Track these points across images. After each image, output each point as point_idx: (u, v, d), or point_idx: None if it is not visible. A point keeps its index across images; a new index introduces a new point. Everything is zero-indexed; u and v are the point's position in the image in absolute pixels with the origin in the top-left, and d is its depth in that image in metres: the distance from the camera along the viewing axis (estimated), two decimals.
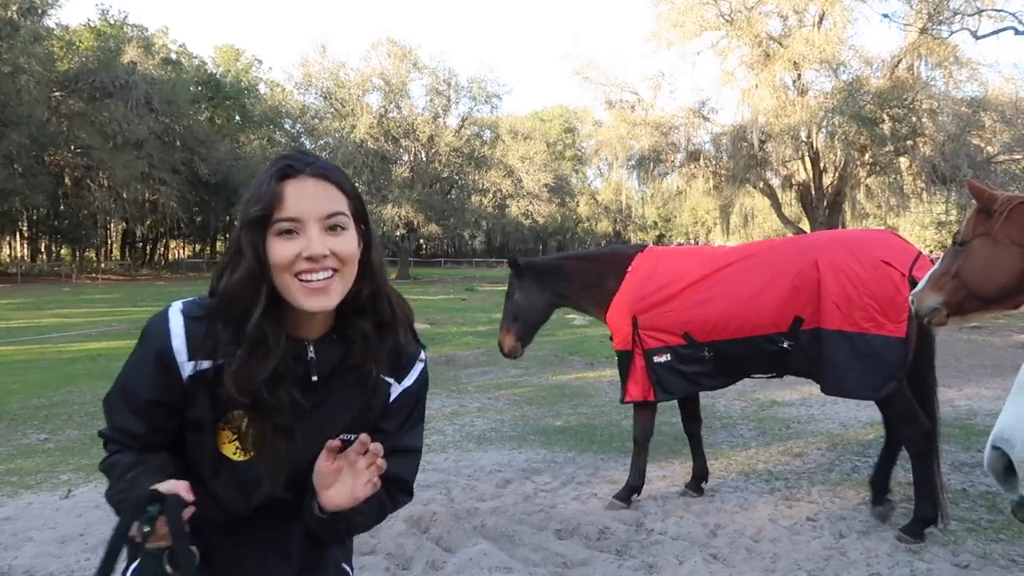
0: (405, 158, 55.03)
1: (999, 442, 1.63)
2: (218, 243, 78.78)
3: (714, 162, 32.25)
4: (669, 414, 8.34)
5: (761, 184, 31.92)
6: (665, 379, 4.92)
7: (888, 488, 4.88)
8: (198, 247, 78.07)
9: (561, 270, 5.56)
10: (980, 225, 3.23)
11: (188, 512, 1.40)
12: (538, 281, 5.52)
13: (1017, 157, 27.56)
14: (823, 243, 4.73)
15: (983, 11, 26.72)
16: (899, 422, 4.56)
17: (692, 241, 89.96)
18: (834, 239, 4.83)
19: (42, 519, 5.06)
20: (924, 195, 31.08)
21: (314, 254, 1.44)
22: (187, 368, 1.52)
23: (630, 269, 5.15)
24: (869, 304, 4.31)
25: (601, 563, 4.22)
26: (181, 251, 78.54)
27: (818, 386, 4.67)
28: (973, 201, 3.40)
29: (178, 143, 57.34)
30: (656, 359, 4.90)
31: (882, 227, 41.01)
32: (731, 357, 4.81)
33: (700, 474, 5.48)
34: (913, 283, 4.07)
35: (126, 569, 1.59)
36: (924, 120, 27.24)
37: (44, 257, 62.83)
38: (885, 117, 27.01)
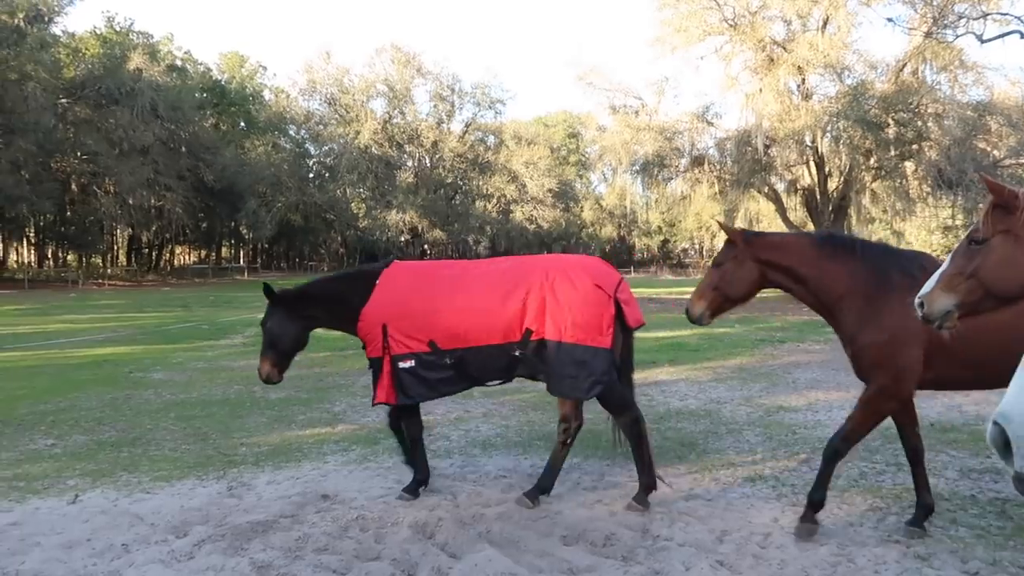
0: (409, 164, 55.22)
1: (999, 418, 1.68)
2: (223, 248, 79.04)
3: (718, 167, 32.23)
4: (674, 420, 8.33)
5: (766, 189, 31.91)
6: (407, 383, 5.32)
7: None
8: (203, 253, 78.29)
9: (308, 295, 5.90)
10: (1000, 222, 3.12)
11: None
12: (288, 308, 5.79)
13: (1023, 161, 27.49)
14: (550, 265, 5.37)
15: (988, 15, 26.70)
16: (615, 413, 5.39)
17: (697, 246, 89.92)
18: (558, 262, 5.48)
19: (49, 524, 5.06)
20: (930, 199, 31.03)
21: None
22: None
23: (378, 283, 5.55)
24: (583, 321, 5.04)
25: (607, 569, 4.21)
26: (187, 257, 78.76)
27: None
28: (980, 204, 3.39)
29: (183, 149, 57.62)
30: (401, 364, 5.29)
31: (888, 232, 40.94)
32: (470, 364, 5.27)
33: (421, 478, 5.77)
34: (617, 304, 5.13)
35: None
36: (929, 124, 27.20)
37: (51, 263, 63.06)
38: (890, 121, 26.97)
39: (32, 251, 65.07)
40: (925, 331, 4.11)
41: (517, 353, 5.17)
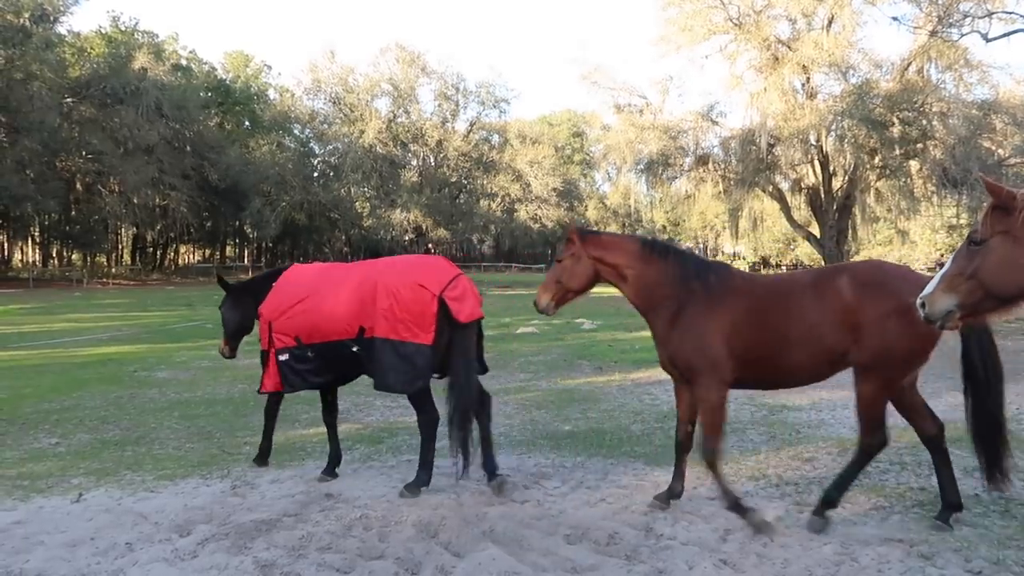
0: (414, 163, 55.24)
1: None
2: (228, 248, 79.16)
3: (723, 166, 32.17)
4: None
5: (770, 188, 31.84)
6: (286, 374, 5.88)
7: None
8: (208, 252, 78.45)
9: (245, 289, 6.81)
10: (999, 223, 3.18)
11: None
12: (233, 297, 6.73)
13: None
14: (386, 267, 5.87)
15: (993, 13, 26.58)
16: (417, 411, 5.80)
17: (701, 245, 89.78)
18: (392, 264, 5.97)
19: (53, 523, 5.08)
20: (934, 198, 30.93)
21: None
22: None
23: (275, 284, 6.19)
24: (406, 318, 5.43)
25: (610, 568, 4.21)
26: (191, 256, 78.91)
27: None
28: (984, 203, 3.39)
29: (188, 148, 57.73)
30: (280, 357, 5.87)
31: (893, 231, 40.79)
32: (327, 357, 5.79)
33: (335, 459, 6.27)
34: (442, 302, 5.42)
35: None
36: (934, 123, 27.12)
37: (56, 262, 63.25)
38: (895, 120, 26.89)
39: (37, 250, 65.25)
40: (723, 333, 4.84)
41: (355, 349, 5.63)
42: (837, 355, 4.75)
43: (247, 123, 70.79)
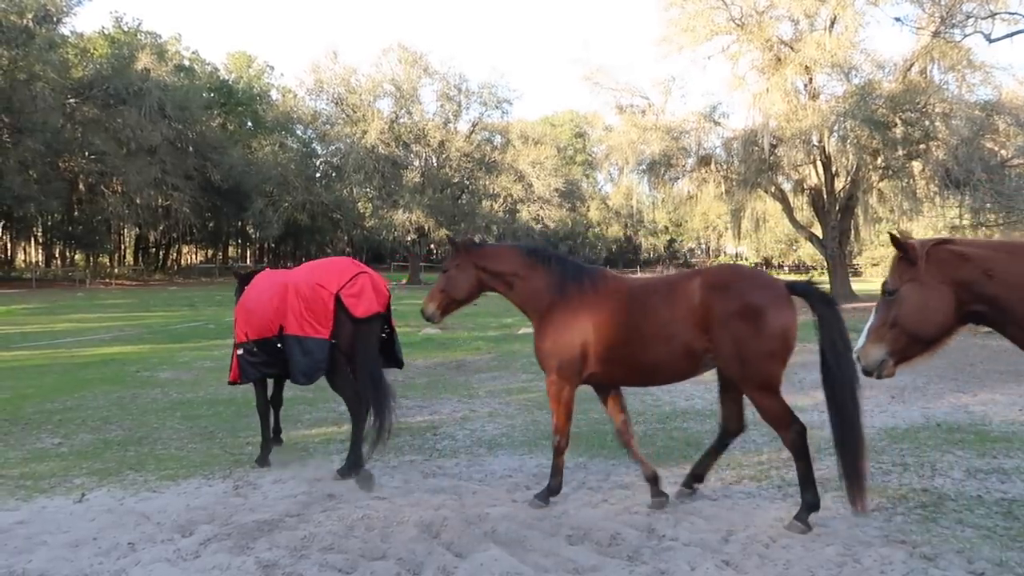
0: (416, 163, 55.16)
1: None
2: (230, 248, 79.22)
3: (725, 167, 32.14)
4: (680, 420, 8.32)
5: (772, 189, 31.80)
6: (243, 366, 6.41)
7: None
8: (210, 252, 78.48)
9: (245, 283, 7.28)
10: (906, 272, 3.50)
11: None
12: (240, 286, 7.28)
13: None
14: (300, 270, 6.53)
15: (996, 14, 26.52)
16: (340, 394, 6.32)
17: (704, 246, 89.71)
18: (306, 268, 6.59)
19: (55, 523, 5.08)
20: (937, 199, 30.86)
21: None
22: None
23: (248, 285, 6.83)
24: (309, 316, 5.99)
25: (612, 569, 4.21)
26: (193, 256, 78.97)
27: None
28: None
29: (191, 149, 57.76)
30: (239, 351, 6.43)
31: (893, 231, 40.80)
32: (266, 352, 6.30)
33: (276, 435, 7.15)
34: (338, 299, 5.96)
35: None
36: (937, 124, 27.06)
37: (58, 262, 63.32)
38: (897, 121, 26.85)
39: (40, 250, 65.33)
40: (583, 333, 5.16)
41: (279, 345, 6.19)
42: (694, 353, 5.00)
43: (249, 124, 70.82)
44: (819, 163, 30.25)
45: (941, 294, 3.40)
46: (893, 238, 3.61)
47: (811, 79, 29.48)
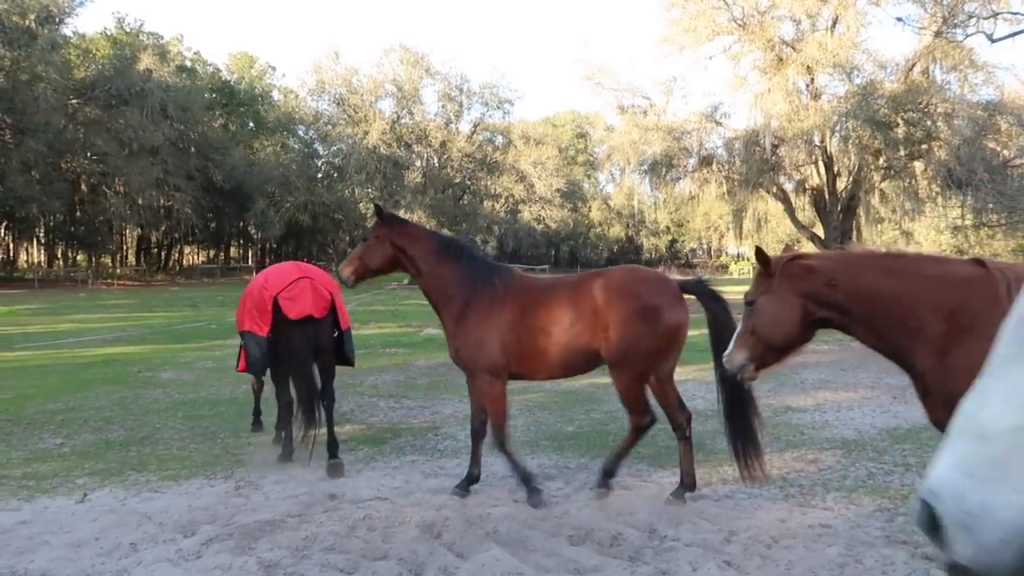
0: (417, 164, 55.12)
1: (927, 495, 1.23)
2: (232, 249, 79.26)
3: (727, 167, 32.14)
4: None
5: (774, 189, 31.80)
6: (248, 355, 6.85)
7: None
8: (212, 253, 78.51)
9: None
10: (762, 285, 3.80)
11: None
12: None
13: None
14: (261, 273, 7.04)
15: (998, 14, 26.50)
16: (275, 387, 6.96)
17: (705, 246, 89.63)
18: (264, 270, 7.06)
19: (57, 523, 5.09)
20: (939, 199, 30.88)
21: None
22: None
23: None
24: (256, 315, 6.50)
25: (614, 569, 4.21)
26: (195, 257, 79.00)
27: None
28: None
29: (193, 150, 57.78)
30: (244, 340, 6.92)
31: (897, 232, 40.74)
32: (248, 346, 6.74)
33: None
34: (275, 301, 6.37)
35: None
36: (939, 124, 27.05)
37: (61, 263, 63.35)
38: (899, 121, 26.85)
39: (42, 251, 65.37)
40: (499, 332, 5.31)
41: (240, 339, 6.96)
42: (593, 351, 5.27)
43: (251, 124, 70.84)
44: (821, 163, 30.25)
45: (791, 306, 3.67)
46: (758, 252, 3.90)
47: (813, 79, 29.48)
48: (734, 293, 5.49)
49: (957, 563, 1.11)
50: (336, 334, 6.77)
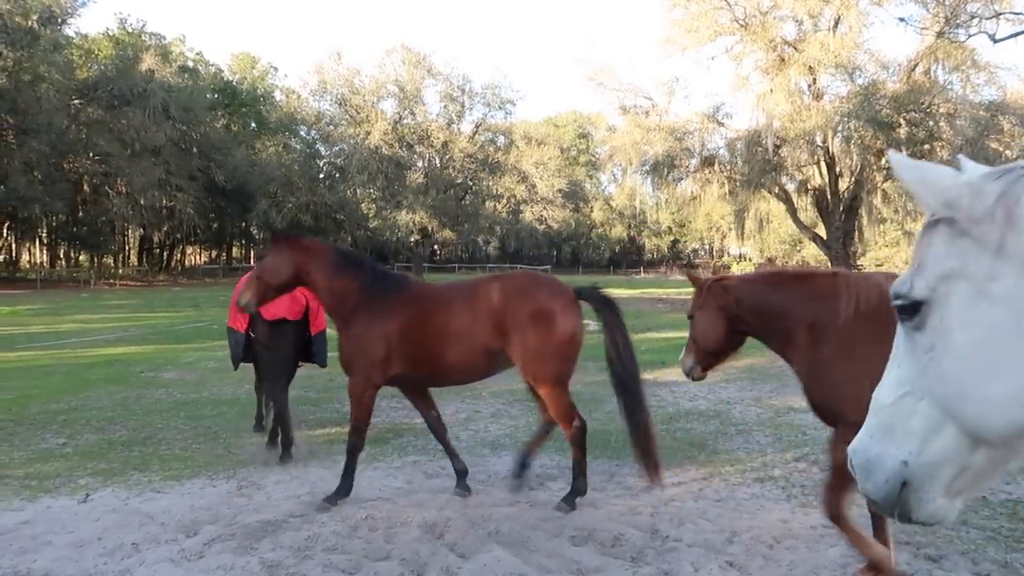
0: (419, 164, 55.13)
1: (849, 450, 1.64)
2: (234, 249, 79.33)
3: (729, 167, 32.12)
4: (684, 420, 8.31)
5: (776, 189, 31.78)
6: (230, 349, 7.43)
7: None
8: (214, 253, 78.61)
9: None
10: (696, 302, 4.58)
11: None
12: None
13: None
14: (248, 273, 6.83)
15: (1001, 14, 26.49)
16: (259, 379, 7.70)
17: (707, 246, 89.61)
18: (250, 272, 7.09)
19: (60, 523, 5.10)
20: None
21: None
22: None
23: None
24: (235, 312, 6.77)
25: (616, 570, 4.21)
26: (197, 257, 79.10)
27: None
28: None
29: (195, 150, 57.82)
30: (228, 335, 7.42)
31: (900, 232, 40.67)
32: (242, 341, 7.15)
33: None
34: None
35: None
36: (941, 124, 27.03)
37: (63, 263, 63.43)
38: (902, 121, 26.82)
39: (44, 251, 65.47)
40: (386, 339, 5.39)
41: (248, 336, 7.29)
42: (491, 353, 5.36)
43: (253, 124, 70.89)
44: (823, 164, 30.23)
45: (716, 318, 4.43)
46: (689, 275, 4.82)
47: (815, 79, 29.46)
48: None
49: (865, 494, 1.59)
50: (307, 337, 7.10)
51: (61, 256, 65.06)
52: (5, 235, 59.24)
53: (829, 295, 3.96)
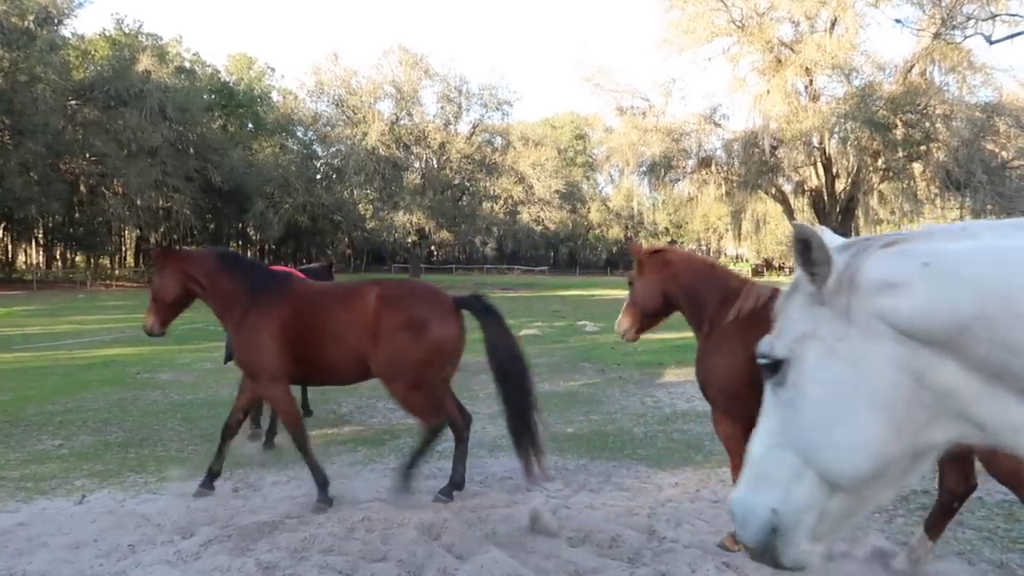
0: (416, 165, 55.20)
1: (731, 502, 1.75)
2: (231, 249, 79.22)
3: (725, 168, 32.19)
4: (680, 422, 8.31)
5: (773, 190, 31.86)
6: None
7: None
8: None
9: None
10: (636, 269, 5.01)
11: None
12: None
13: None
14: None
15: (997, 16, 26.57)
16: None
17: (704, 247, 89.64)
18: None
19: (56, 525, 5.08)
20: (938, 201, 30.93)
21: None
22: None
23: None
24: None
25: (613, 571, 4.21)
26: None
27: None
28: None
29: (191, 151, 57.74)
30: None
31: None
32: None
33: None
34: None
35: None
36: (938, 125, 27.12)
37: (59, 264, 63.31)
38: (898, 122, 26.90)
39: (41, 252, 65.32)
40: (278, 336, 5.46)
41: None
42: (363, 357, 5.41)
43: (250, 125, 70.81)
44: (820, 165, 30.30)
45: (653, 284, 4.86)
46: (630, 244, 5.26)
47: (812, 81, 29.53)
48: None
49: (743, 543, 1.69)
50: None
51: (57, 257, 64.92)
52: (1, 236, 59.13)
53: (733, 297, 4.49)
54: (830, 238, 1.68)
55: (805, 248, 1.57)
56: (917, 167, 29.03)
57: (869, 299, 1.48)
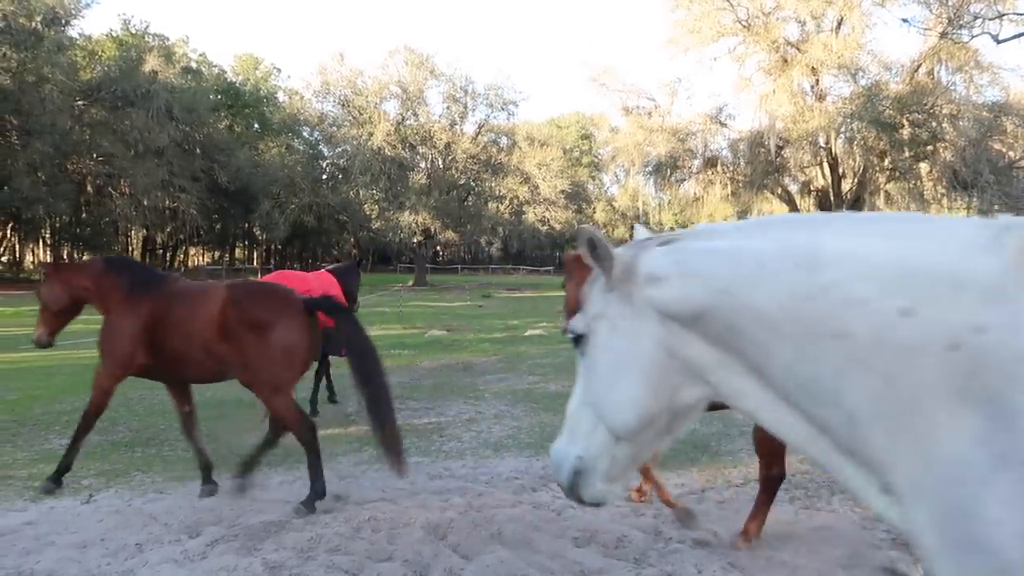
0: (422, 165, 55.18)
1: (551, 450, 2.04)
2: (237, 250, 79.42)
3: (731, 168, 32.14)
4: None
5: (779, 190, 31.79)
6: None
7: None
8: (217, 254, 78.67)
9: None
10: (566, 275, 5.29)
11: None
12: None
13: None
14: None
15: (1004, 15, 26.45)
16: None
17: None
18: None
19: (63, 524, 5.10)
20: (945, 200, 30.80)
21: None
22: None
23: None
24: None
25: (619, 571, 4.20)
26: (201, 258, 79.14)
27: None
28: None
29: (198, 151, 57.86)
30: None
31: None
32: None
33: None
34: None
35: None
36: (944, 125, 27.02)
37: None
38: (905, 122, 26.82)
39: (48, 252, 65.49)
40: (133, 331, 5.59)
41: None
42: (216, 356, 5.49)
43: (256, 126, 70.93)
44: (826, 164, 30.23)
45: (570, 285, 4.96)
46: (565, 257, 5.45)
47: (818, 80, 29.46)
48: None
49: (559, 484, 2.00)
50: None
51: (65, 257, 65.08)
52: (9, 236, 59.33)
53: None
54: (639, 232, 2.17)
55: (592, 247, 1.90)
56: (924, 167, 28.95)
57: (641, 288, 1.81)
